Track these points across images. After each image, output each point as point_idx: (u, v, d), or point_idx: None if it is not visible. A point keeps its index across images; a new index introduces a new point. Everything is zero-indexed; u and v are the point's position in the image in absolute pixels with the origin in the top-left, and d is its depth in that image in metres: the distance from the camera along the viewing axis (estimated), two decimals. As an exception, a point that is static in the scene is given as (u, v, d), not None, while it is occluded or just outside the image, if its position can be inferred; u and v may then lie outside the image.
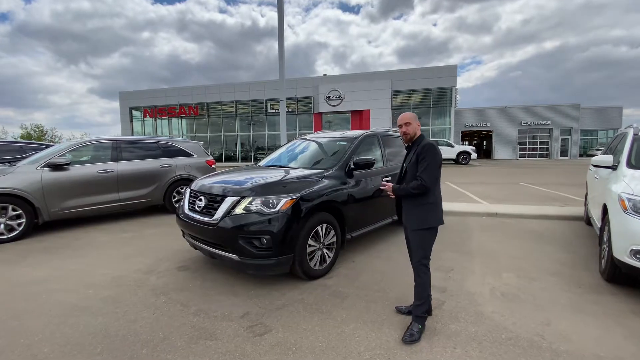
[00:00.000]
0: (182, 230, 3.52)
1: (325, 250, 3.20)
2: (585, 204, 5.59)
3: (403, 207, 2.37)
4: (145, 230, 5.11)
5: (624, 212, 2.75)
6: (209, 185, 3.30)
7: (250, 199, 2.86)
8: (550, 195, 8.23)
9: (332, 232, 3.26)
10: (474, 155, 19.86)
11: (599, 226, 3.61)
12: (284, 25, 9.10)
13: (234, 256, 2.82)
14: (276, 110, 26.17)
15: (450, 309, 2.56)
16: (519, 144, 30.02)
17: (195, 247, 3.33)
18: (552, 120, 29.17)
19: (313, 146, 4.43)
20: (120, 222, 5.69)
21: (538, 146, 30.30)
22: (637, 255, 2.59)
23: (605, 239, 3.23)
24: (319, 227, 3.08)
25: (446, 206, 6.22)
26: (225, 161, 27.49)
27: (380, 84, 23.57)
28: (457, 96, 24.97)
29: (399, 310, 2.50)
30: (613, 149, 4.36)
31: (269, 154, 4.78)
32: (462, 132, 31.12)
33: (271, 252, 2.75)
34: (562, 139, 29.57)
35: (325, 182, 3.29)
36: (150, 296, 2.82)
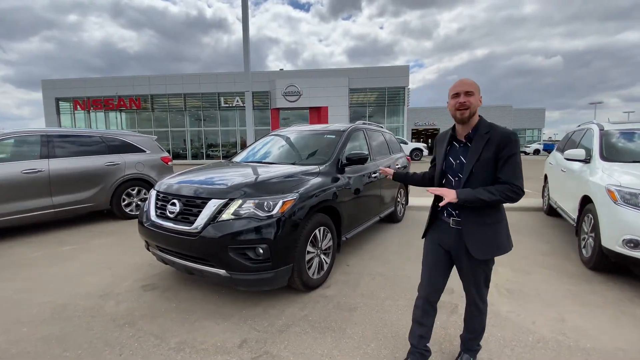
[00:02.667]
0: (145, 242, 2.90)
1: (322, 256, 2.85)
2: (543, 196, 5.99)
3: (462, 227, 1.62)
4: (92, 242, 4.25)
5: (614, 203, 2.84)
6: (181, 186, 2.74)
7: (240, 201, 2.39)
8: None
9: (329, 235, 2.92)
10: (425, 152, 20.92)
11: (574, 217, 3.79)
12: (248, 14, 8.48)
13: (222, 271, 2.33)
14: (230, 105, 24.75)
15: (467, 312, 2.40)
16: (463, 141, 32.55)
17: (165, 262, 2.75)
18: (489, 119, 31.52)
19: (295, 140, 4.02)
20: (57, 232, 4.69)
21: (478, 143, 33.18)
22: (629, 244, 2.67)
23: (586, 230, 3.37)
24: (317, 231, 2.72)
25: (415, 201, 6.25)
26: (173, 159, 25.30)
27: (338, 81, 23.52)
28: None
29: (414, 347, 1.76)
30: (575, 145, 4.63)
31: (223, 151, 4.24)
32: (412, 130, 32.70)
33: (269, 263, 2.32)
34: (497, 137, 32.77)
35: (320, 179, 2.93)
36: (111, 329, 2.21)
